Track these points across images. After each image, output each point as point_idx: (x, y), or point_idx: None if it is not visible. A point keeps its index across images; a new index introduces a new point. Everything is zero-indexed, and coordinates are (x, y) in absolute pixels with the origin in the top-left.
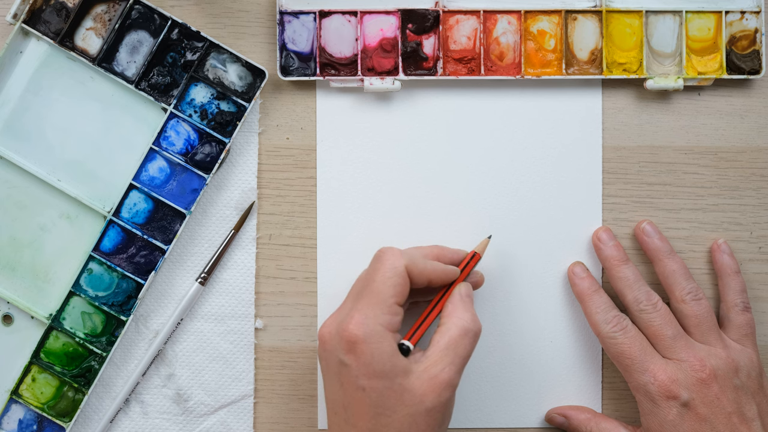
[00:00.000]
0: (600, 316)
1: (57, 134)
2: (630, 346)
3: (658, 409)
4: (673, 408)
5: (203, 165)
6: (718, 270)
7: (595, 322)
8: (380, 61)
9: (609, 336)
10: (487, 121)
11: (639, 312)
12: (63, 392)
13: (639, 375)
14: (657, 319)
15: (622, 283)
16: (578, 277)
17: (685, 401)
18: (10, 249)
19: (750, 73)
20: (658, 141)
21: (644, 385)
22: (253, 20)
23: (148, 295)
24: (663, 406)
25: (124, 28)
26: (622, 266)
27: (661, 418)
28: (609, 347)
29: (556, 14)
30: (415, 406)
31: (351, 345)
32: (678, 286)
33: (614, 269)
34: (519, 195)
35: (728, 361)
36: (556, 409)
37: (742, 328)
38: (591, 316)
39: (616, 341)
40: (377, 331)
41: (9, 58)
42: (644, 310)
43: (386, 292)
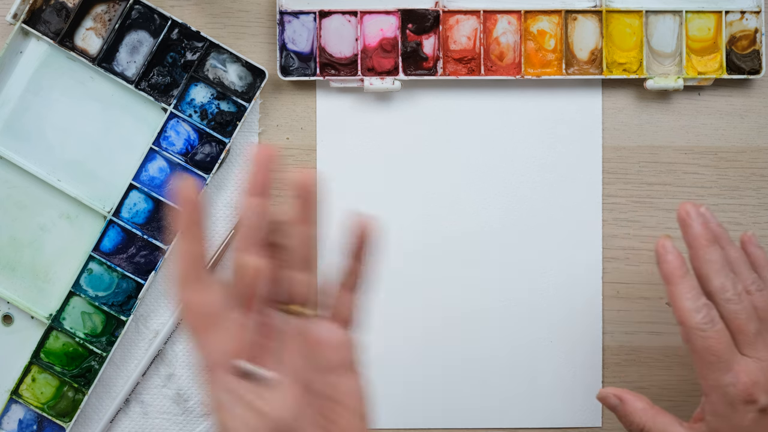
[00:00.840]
0: (691, 303)
1: (57, 134)
2: (718, 342)
3: (733, 413)
4: (750, 413)
5: (203, 165)
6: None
7: (685, 309)
8: (380, 61)
9: (698, 327)
10: (487, 121)
11: (725, 301)
12: (63, 392)
13: (721, 374)
14: (743, 312)
15: (710, 266)
16: (669, 253)
17: (763, 406)
18: (10, 249)
19: (750, 73)
20: (658, 141)
21: (725, 386)
22: (253, 20)
23: (148, 295)
24: (740, 410)
25: (124, 28)
26: (710, 247)
27: (735, 422)
28: (695, 340)
29: (556, 14)
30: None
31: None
32: (742, 276)
33: (702, 250)
34: (519, 195)
35: None
36: (612, 389)
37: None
38: (680, 302)
39: (705, 335)
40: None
41: (9, 58)
42: (731, 300)
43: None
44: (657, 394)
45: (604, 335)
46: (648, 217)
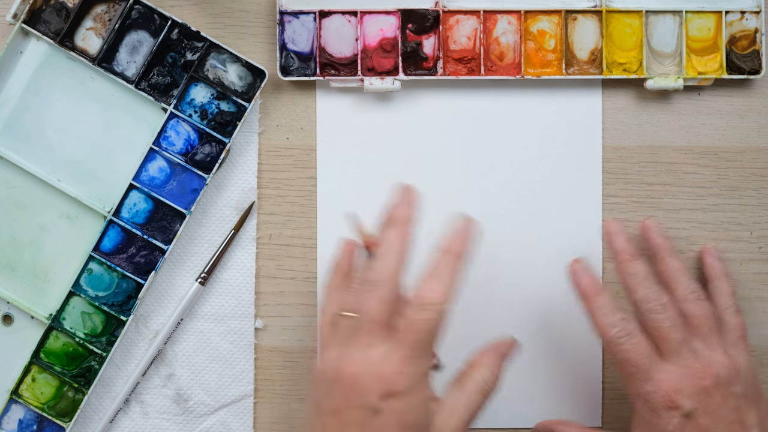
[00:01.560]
0: (606, 318)
1: (57, 134)
2: (636, 353)
3: (657, 420)
4: (674, 418)
5: (203, 165)
6: (708, 273)
7: (600, 325)
8: (380, 61)
9: (614, 342)
10: (487, 121)
11: (648, 312)
12: (63, 392)
13: (641, 384)
14: (666, 321)
15: (632, 279)
16: (581, 275)
17: (687, 411)
18: (10, 249)
19: (750, 73)
20: (658, 141)
21: (646, 395)
22: (253, 20)
23: (148, 295)
24: (664, 416)
25: (124, 28)
26: (633, 261)
27: (660, 428)
28: (614, 352)
29: (556, 14)
30: None
31: (389, 393)
32: (681, 285)
33: (625, 264)
34: (519, 195)
35: (730, 368)
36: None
37: (737, 329)
38: (596, 318)
39: (622, 347)
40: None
41: (9, 58)
42: (654, 310)
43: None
44: None
45: None
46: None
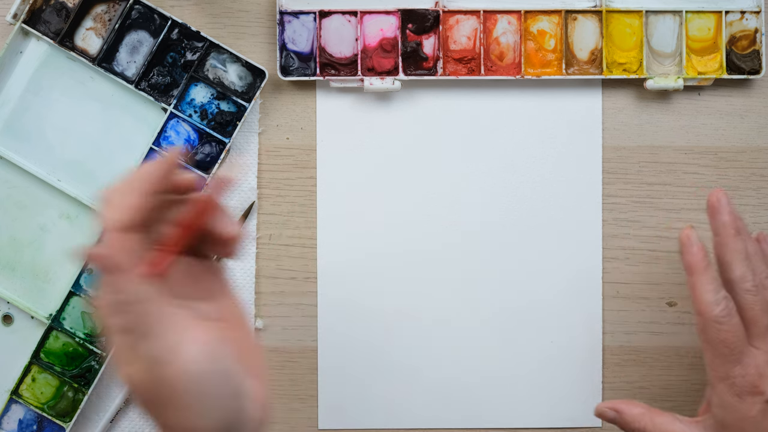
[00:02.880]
0: (711, 295)
1: (57, 134)
2: (733, 334)
3: (741, 404)
4: (757, 404)
5: (203, 165)
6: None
7: (705, 302)
8: (380, 61)
9: (716, 320)
10: (487, 121)
11: (744, 291)
12: (63, 392)
13: (731, 366)
14: (758, 304)
15: (735, 255)
16: (694, 245)
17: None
18: (10, 249)
19: (750, 73)
20: (658, 141)
21: (734, 378)
22: (253, 20)
23: None
24: (748, 401)
25: (124, 28)
26: (737, 237)
27: (742, 413)
28: (711, 332)
29: (556, 14)
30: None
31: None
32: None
33: (729, 238)
34: (519, 195)
35: None
36: (607, 403)
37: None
38: (700, 294)
39: (722, 327)
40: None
41: (9, 58)
42: (750, 291)
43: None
44: (657, 394)
45: (604, 335)
46: (648, 217)
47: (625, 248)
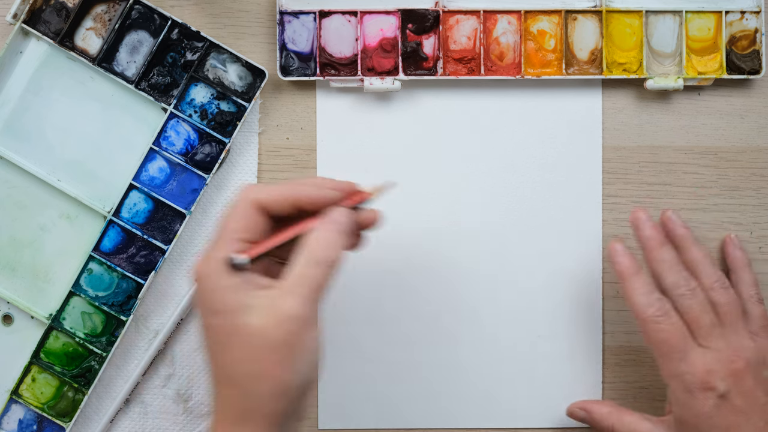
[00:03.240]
0: (643, 298)
1: (57, 134)
2: (672, 333)
3: (693, 401)
4: (709, 399)
5: (203, 165)
6: (730, 263)
7: (638, 304)
8: (380, 61)
9: (652, 320)
10: (487, 121)
11: (679, 297)
12: (63, 392)
13: (677, 364)
14: (696, 306)
15: (662, 265)
16: (620, 255)
17: (722, 393)
18: (10, 249)
19: (750, 73)
20: (658, 141)
21: (681, 375)
22: (253, 20)
23: (148, 295)
24: (699, 397)
25: (124, 28)
26: (662, 248)
27: (696, 409)
28: (650, 332)
29: (556, 14)
30: (257, 342)
31: (196, 284)
32: (705, 274)
33: (654, 251)
34: (519, 195)
35: (756, 353)
36: (577, 404)
37: (759, 319)
38: (633, 298)
39: (659, 327)
40: (211, 267)
41: (9, 58)
42: (684, 295)
43: (228, 226)
44: (657, 394)
45: (604, 335)
46: None
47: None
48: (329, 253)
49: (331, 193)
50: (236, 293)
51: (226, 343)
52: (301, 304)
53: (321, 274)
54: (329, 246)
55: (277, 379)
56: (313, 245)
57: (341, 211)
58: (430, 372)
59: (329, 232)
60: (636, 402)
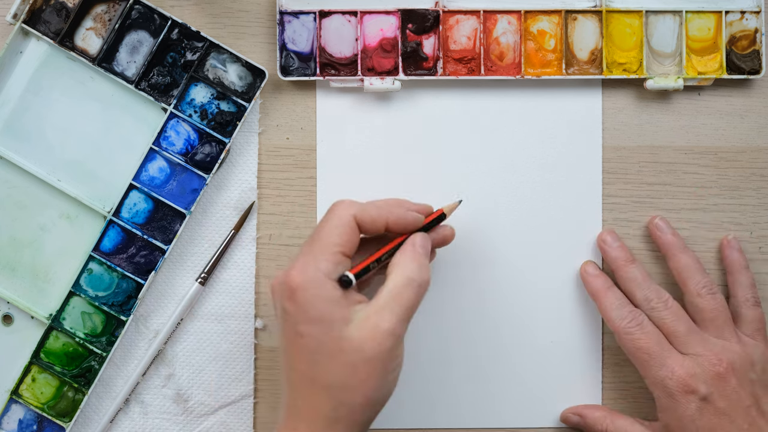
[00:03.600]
0: (615, 312)
1: (57, 134)
2: (647, 342)
3: (676, 404)
4: (691, 403)
5: (203, 165)
6: (727, 266)
7: (611, 318)
8: (380, 61)
9: (626, 332)
10: (487, 121)
11: (650, 310)
12: (63, 392)
13: (656, 370)
14: (669, 316)
15: (630, 283)
16: (591, 275)
17: (704, 395)
18: (10, 249)
19: (750, 73)
20: (658, 141)
21: (662, 380)
22: (253, 20)
23: (148, 295)
24: (681, 401)
25: (124, 28)
26: (629, 266)
27: (679, 413)
28: (626, 343)
29: (556, 14)
30: (354, 355)
31: (291, 292)
32: (692, 280)
33: (621, 270)
34: (519, 195)
35: (743, 355)
36: (570, 409)
37: (753, 322)
38: (606, 313)
39: (633, 336)
40: (316, 277)
41: (9, 58)
42: (655, 308)
43: (330, 240)
44: None
45: (604, 335)
46: (648, 217)
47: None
48: (422, 274)
49: (415, 216)
50: (338, 306)
51: (323, 353)
52: (397, 322)
53: (414, 294)
54: (421, 267)
55: (369, 391)
56: (407, 266)
57: (425, 235)
58: (429, 372)
59: (419, 254)
60: (635, 402)
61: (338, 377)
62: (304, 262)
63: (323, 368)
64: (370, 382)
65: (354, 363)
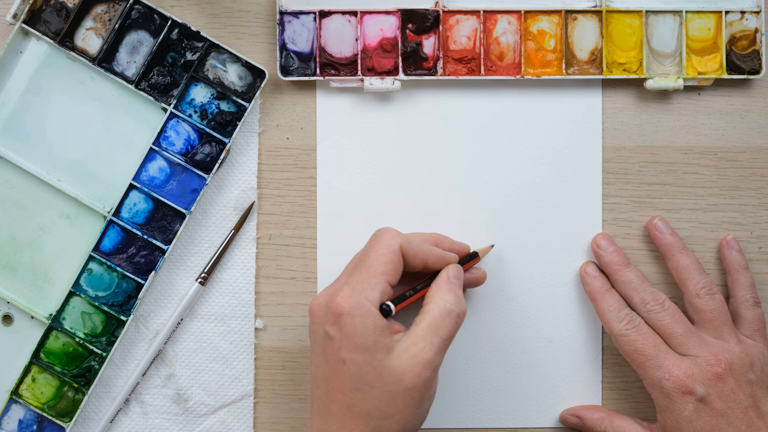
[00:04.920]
0: (612, 314)
1: (57, 134)
2: (644, 343)
3: (674, 405)
4: (689, 403)
5: (203, 165)
6: (727, 266)
7: (608, 321)
8: (380, 61)
9: (622, 334)
10: (487, 121)
11: (648, 313)
12: (63, 392)
13: (654, 371)
14: (666, 317)
15: (626, 286)
16: (590, 276)
17: (701, 396)
18: (10, 249)
19: (750, 73)
20: (658, 141)
21: (659, 381)
22: (253, 20)
23: (148, 295)
24: (679, 401)
25: (124, 28)
26: (624, 270)
27: (677, 414)
28: (623, 345)
29: (556, 14)
30: (393, 384)
31: (336, 317)
32: (692, 281)
33: (617, 274)
34: (519, 195)
35: (742, 356)
36: (569, 410)
37: (753, 323)
38: (603, 315)
39: (630, 338)
40: (363, 305)
41: (9, 58)
42: (652, 311)
43: (378, 268)
44: None
45: (604, 335)
46: (648, 217)
47: (625, 248)
48: (459, 305)
49: (452, 255)
50: (381, 335)
51: (364, 381)
52: (435, 353)
53: (452, 325)
54: (458, 298)
55: (405, 419)
56: (444, 297)
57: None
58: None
59: (455, 285)
60: (635, 402)
61: (377, 406)
62: (351, 288)
63: (362, 396)
64: (407, 411)
65: (393, 392)
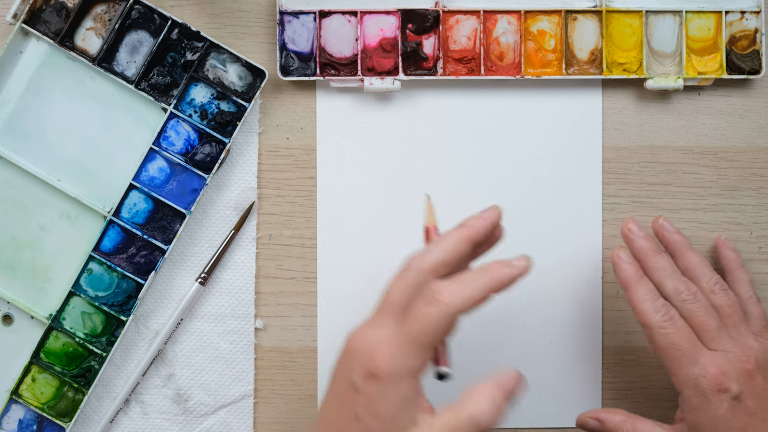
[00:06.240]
0: (649, 304)
1: (57, 134)
2: (681, 337)
3: (708, 404)
4: (724, 402)
5: (203, 165)
6: (725, 265)
7: (644, 311)
8: (380, 61)
9: (659, 326)
10: (487, 121)
11: (681, 302)
12: (63, 392)
13: (689, 368)
14: (700, 309)
15: (659, 273)
16: (624, 262)
17: (736, 394)
18: (10, 249)
19: (750, 73)
20: (658, 141)
21: (695, 378)
22: (253, 20)
23: (148, 295)
24: (714, 400)
25: (124, 28)
26: (657, 256)
27: (711, 413)
28: (658, 338)
29: (556, 14)
30: None
31: (370, 375)
32: (704, 278)
33: (650, 260)
34: (519, 195)
35: (765, 353)
36: (588, 413)
37: (759, 319)
38: (638, 304)
39: (667, 332)
40: (400, 374)
41: (9, 58)
42: (687, 300)
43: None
44: (657, 394)
45: (604, 335)
46: (648, 217)
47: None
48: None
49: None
50: (407, 408)
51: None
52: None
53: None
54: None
55: None
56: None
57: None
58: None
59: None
60: (636, 402)
61: None
62: (396, 348)
63: None
64: None
65: None
